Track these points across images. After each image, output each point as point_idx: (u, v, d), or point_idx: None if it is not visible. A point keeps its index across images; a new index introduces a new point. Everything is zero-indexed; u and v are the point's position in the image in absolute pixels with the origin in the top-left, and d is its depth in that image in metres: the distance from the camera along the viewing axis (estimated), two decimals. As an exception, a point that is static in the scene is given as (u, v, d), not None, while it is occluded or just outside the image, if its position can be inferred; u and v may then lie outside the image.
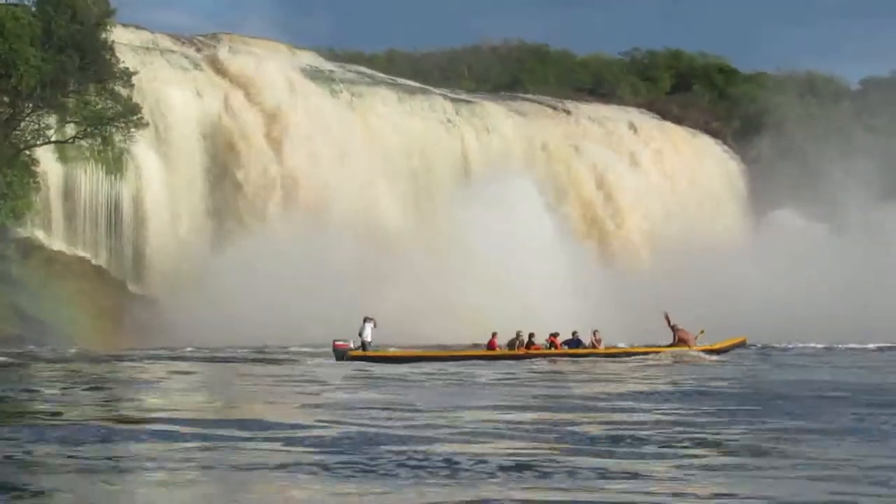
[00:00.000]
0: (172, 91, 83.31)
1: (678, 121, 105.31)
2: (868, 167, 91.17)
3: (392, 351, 55.08)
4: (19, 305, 69.88)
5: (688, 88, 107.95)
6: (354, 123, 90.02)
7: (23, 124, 70.31)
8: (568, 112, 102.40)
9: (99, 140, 71.56)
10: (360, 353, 51.92)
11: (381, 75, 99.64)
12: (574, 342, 54.94)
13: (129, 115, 71.80)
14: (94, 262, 77.61)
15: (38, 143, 71.41)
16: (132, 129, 72.54)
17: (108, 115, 71.24)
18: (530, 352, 53.47)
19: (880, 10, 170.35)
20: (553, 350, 54.27)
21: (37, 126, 71.03)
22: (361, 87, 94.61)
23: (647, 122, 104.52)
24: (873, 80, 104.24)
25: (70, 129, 72.46)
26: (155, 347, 62.73)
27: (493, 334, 54.72)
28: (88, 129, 71.38)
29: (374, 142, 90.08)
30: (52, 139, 72.33)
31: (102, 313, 71.81)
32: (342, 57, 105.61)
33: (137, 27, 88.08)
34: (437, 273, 76.14)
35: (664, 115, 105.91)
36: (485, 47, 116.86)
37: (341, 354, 51.10)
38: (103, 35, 74.22)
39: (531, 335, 54.40)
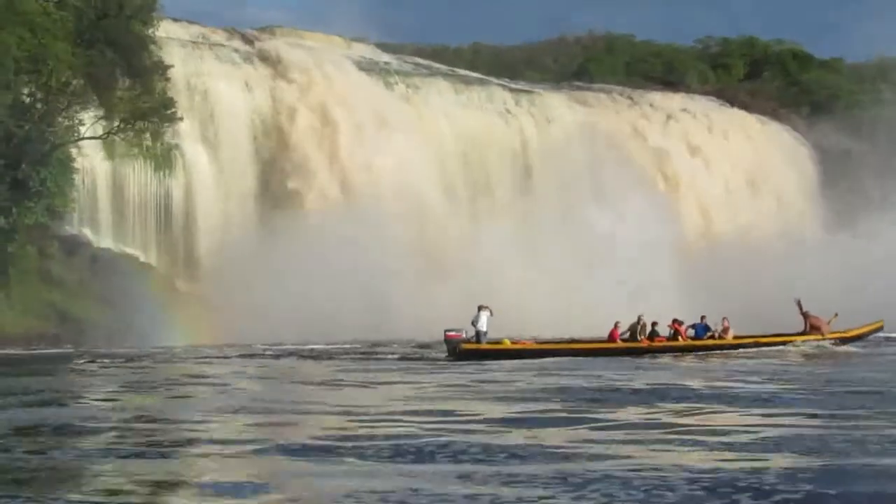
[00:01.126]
0: (221, 85, 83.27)
1: (746, 107, 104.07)
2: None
3: (508, 342, 50.87)
4: (58, 304, 70.26)
5: (760, 76, 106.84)
6: (409, 115, 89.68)
7: (57, 121, 70.15)
8: (632, 100, 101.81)
9: (131, 134, 71.99)
10: (474, 345, 48.97)
11: (439, 66, 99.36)
12: (701, 328, 52.14)
13: (163, 109, 72.00)
14: (142, 259, 77.56)
15: (72, 139, 71.41)
16: (166, 124, 73.00)
17: (141, 110, 71.68)
18: (654, 344, 50.73)
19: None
20: (679, 341, 51.37)
21: (71, 122, 70.98)
22: (417, 78, 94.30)
23: (713, 110, 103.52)
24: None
25: (102, 126, 72.28)
26: (211, 345, 62.18)
27: (616, 324, 51.60)
28: (121, 125, 71.85)
29: (428, 133, 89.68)
30: (86, 135, 72.03)
31: (147, 312, 70.20)
32: (427, 52, 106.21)
33: (189, 22, 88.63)
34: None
35: (733, 102, 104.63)
36: (569, 38, 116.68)
37: (454, 347, 48.36)
38: (139, 29, 74.70)
39: (654, 324, 51.71)
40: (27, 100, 69.28)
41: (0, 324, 66.89)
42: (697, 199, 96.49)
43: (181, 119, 73.41)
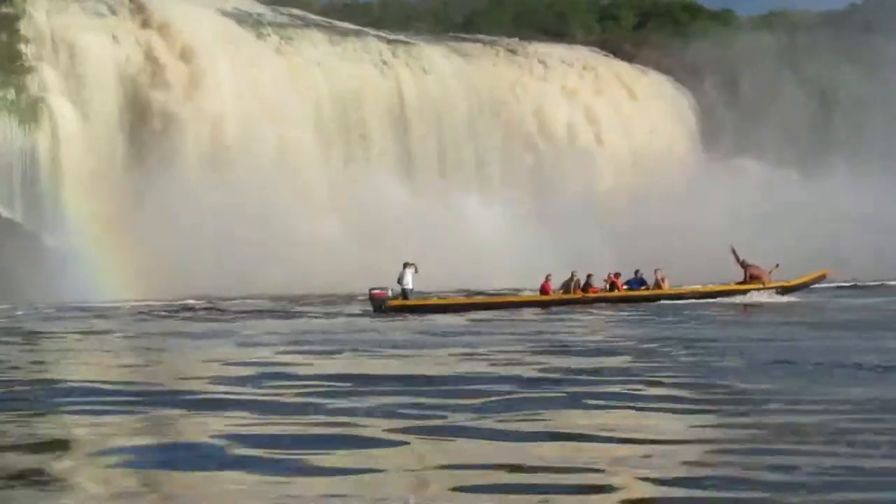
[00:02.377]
0: (88, 37, 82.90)
1: (630, 58, 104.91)
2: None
3: (435, 299, 52.58)
4: None
5: (657, 28, 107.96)
6: (280, 66, 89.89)
7: None
8: (513, 52, 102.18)
9: None
10: (400, 302, 49.00)
11: (315, 17, 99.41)
12: (637, 282, 53.03)
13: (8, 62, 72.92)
14: (5, 214, 77.42)
15: None
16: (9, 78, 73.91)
17: None
18: (588, 295, 51.27)
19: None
20: (615, 293, 51.98)
21: None
22: (291, 29, 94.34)
23: (594, 60, 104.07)
24: (834, 14, 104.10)
25: None
26: (76, 301, 61.76)
27: (547, 277, 52.64)
28: None
29: (300, 85, 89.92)
30: None
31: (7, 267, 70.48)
32: (337, 8, 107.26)
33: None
34: None
35: (617, 52, 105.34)
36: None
37: (379, 304, 48.13)
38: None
39: (589, 276, 52.54)
40: None
41: None
42: (574, 151, 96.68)
43: (28, 70, 74.19)
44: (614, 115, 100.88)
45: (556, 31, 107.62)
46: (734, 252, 52.13)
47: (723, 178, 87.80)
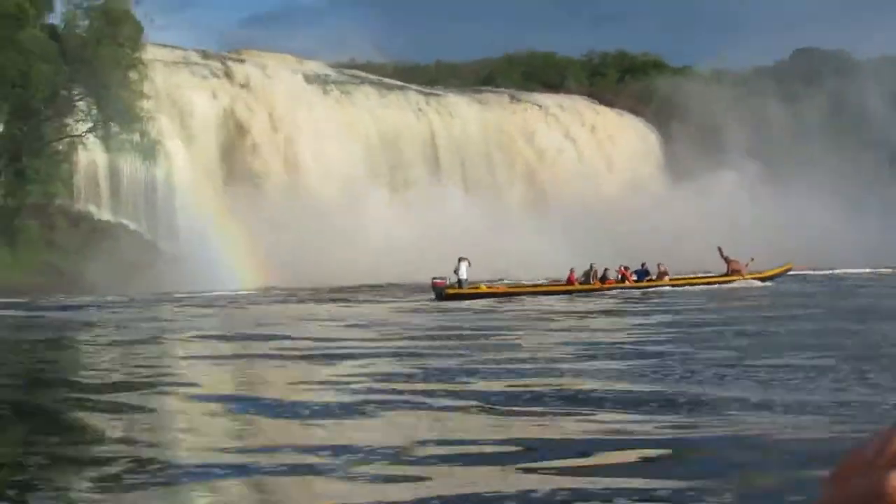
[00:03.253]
0: (194, 94, 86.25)
1: (610, 104, 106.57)
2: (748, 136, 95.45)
3: (484, 287, 50.50)
4: (57, 264, 72.32)
5: (624, 80, 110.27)
6: (340, 114, 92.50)
7: (45, 124, 73.26)
8: (518, 100, 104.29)
9: (101, 133, 75.88)
10: (456, 289, 47.94)
11: (369, 76, 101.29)
12: (642, 273, 52.09)
13: (127, 114, 76.00)
14: (132, 227, 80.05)
15: (59, 137, 74.41)
16: (133, 125, 76.90)
17: (108, 115, 75.28)
18: (605, 285, 50.27)
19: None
20: (626, 283, 50.80)
21: (57, 124, 74.26)
22: (350, 86, 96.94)
23: (582, 105, 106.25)
24: (764, 68, 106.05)
25: (83, 126, 75.61)
26: (192, 292, 62.92)
27: (571, 270, 51.60)
28: (94, 126, 75.35)
29: (355, 128, 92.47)
30: (70, 135, 75.33)
31: (129, 267, 71.77)
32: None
33: (174, 47, 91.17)
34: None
35: (601, 100, 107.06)
36: (503, 56, 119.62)
37: (440, 291, 47.23)
38: (126, 54, 78.29)
39: (605, 269, 51.48)
40: (23, 108, 71.64)
41: (9, 279, 68.00)
42: (565, 173, 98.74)
43: (143, 119, 77.15)
44: (596, 147, 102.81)
45: (554, 84, 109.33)
46: (720, 251, 52.22)
47: (683, 194, 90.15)
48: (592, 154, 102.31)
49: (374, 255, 75.37)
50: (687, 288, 50.08)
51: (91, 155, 79.28)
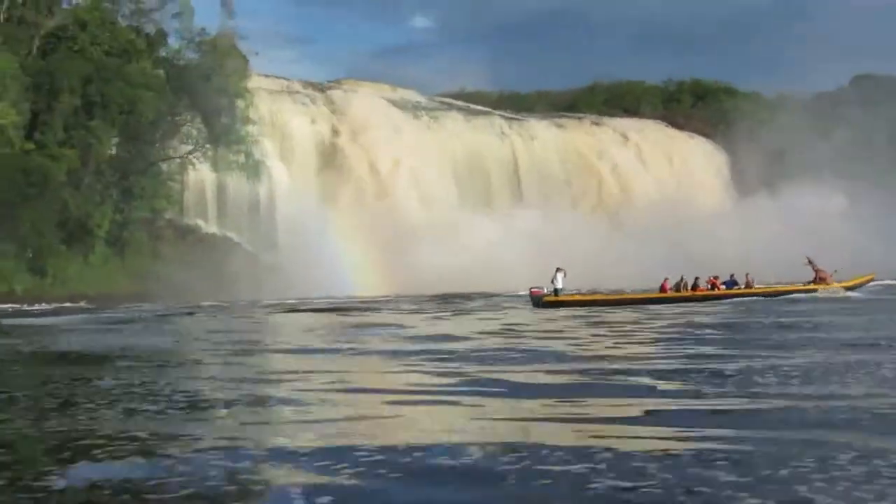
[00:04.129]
0: (294, 120, 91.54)
1: (681, 127, 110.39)
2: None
3: (578, 296, 49.31)
4: (162, 273, 74.74)
5: (697, 105, 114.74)
6: (429, 138, 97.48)
7: (150, 146, 78.22)
8: (597, 124, 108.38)
9: (208, 154, 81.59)
10: (553, 297, 46.76)
11: (457, 103, 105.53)
12: (731, 283, 51.01)
13: (233, 137, 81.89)
14: (236, 240, 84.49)
15: (164, 158, 79.22)
16: (239, 147, 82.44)
17: (216, 139, 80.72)
18: (696, 293, 49.19)
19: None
20: (716, 291, 49.82)
21: (162, 147, 79.32)
22: (439, 112, 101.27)
23: (654, 129, 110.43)
24: (825, 93, 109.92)
25: (188, 148, 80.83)
26: (288, 299, 64.02)
27: (665, 279, 50.90)
28: (196, 149, 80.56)
29: (442, 150, 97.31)
30: (174, 156, 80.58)
31: (232, 276, 76.54)
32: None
33: (277, 77, 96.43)
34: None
35: (673, 124, 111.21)
36: (589, 84, 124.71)
37: (538, 300, 46.15)
38: (234, 82, 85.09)
39: (696, 279, 50.47)
40: (130, 132, 76.56)
41: (118, 286, 73.53)
42: (637, 191, 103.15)
43: (243, 143, 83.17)
44: (668, 166, 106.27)
45: (633, 109, 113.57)
46: (810, 260, 51.57)
47: (750, 210, 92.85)
48: (664, 173, 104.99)
49: (461, 266, 78.88)
50: (772, 297, 48.00)
51: (200, 174, 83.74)
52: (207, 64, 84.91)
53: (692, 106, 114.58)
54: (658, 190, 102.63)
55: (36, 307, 59.44)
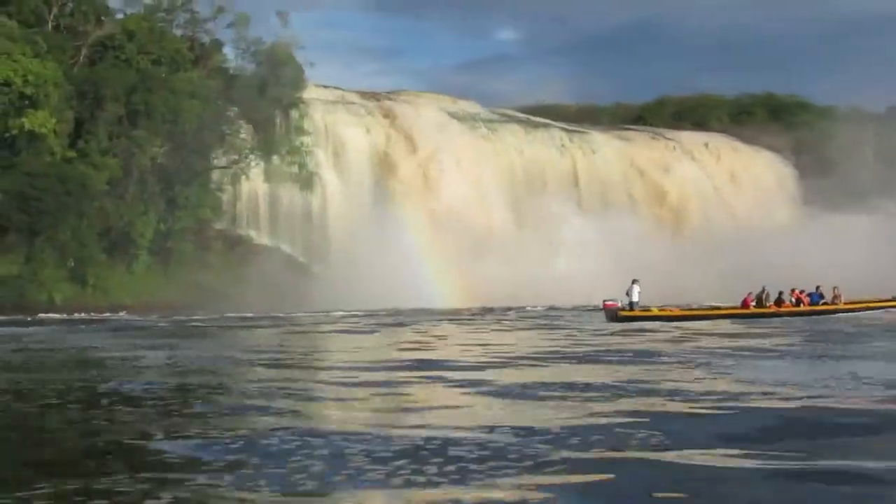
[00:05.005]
0: (349, 130, 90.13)
1: (750, 141, 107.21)
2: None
3: (656, 310, 46.57)
4: (207, 283, 75.05)
5: (772, 119, 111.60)
6: (486, 150, 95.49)
7: (194, 156, 77.21)
8: (662, 136, 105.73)
9: (262, 164, 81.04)
10: (629, 311, 44.12)
11: (517, 114, 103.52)
12: (816, 296, 48.54)
13: (287, 148, 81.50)
14: (288, 251, 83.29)
15: (208, 168, 78.39)
16: (293, 158, 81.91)
17: (270, 149, 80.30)
18: (781, 309, 46.80)
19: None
20: (801, 307, 47.52)
21: (207, 156, 78.49)
22: (498, 124, 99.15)
23: (722, 142, 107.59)
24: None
25: (239, 158, 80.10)
26: (337, 310, 63.32)
27: (748, 294, 48.23)
28: (240, 159, 79.85)
29: (499, 163, 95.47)
30: (218, 165, 79.64)
31: (283, 287, 75.02)
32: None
33: (336, 87, 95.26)
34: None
35: (740, 137, 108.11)
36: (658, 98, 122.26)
37: (613, 314, 43.39)
38: (289, 94, 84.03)
39: (780, 293, 48.13)
40: (173, 142, 75.90)
41: (164, 296, 72.62)
42: (700, 204, 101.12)
43: (308, 152, 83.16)
44: (732, 181, 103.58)
45: (702, 123, 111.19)
46: None
47: (820, 225, 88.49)
48: (728, 187, 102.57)
49: (520, 278, 77.42)
50: (860, 313, 46.84)
51: (253, 185, 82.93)
52: (262, 73, 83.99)
53: (764, 121, 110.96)
54: (721, 204, 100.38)
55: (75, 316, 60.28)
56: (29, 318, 56.45)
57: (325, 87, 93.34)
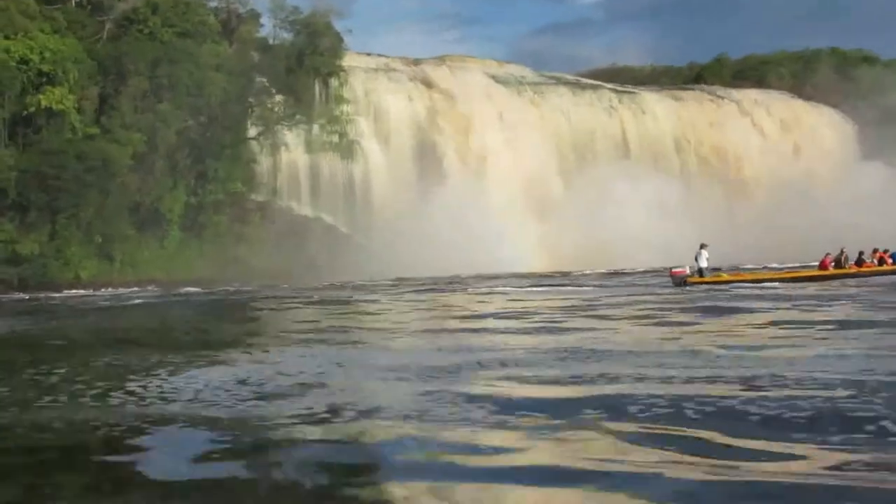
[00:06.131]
0: (390, 98, 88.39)
1: (810, 98, 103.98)
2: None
3: (725, 275, 43.20)
4: (243, 257, 74.37)
5: (838, 76, 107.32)
6: (532, 114, 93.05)
7: (223, 129, 75.95)
8: (716, 95, 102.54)
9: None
10: (697, 278, 41.08)
11: (567, 76, 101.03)
12: None
13: (327, 117, 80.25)
14: (330, 222, 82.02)
15: (239, 140, 76.81)
16: (333, 127, 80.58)
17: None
18: (862, 269, 43.07)
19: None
20: (885, 267, 43.54)
21: (234, 129, 76.85)
22: (545, 87, 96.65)
23: (778, 99, 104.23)
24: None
25: (254, 130, 78.82)
26: (383, 279, 61.41)
27: (827, 255, 44.35)
28: (266, 130, 78.59)
29: (546, 127, 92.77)
30: (247, 137, 78.13)
31: (326, 258, 75.36)
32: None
33: (378, 55, 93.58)
34: None
35: (799, 94, 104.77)
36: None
37: (680, 280, 40.56)
38: (326, 62, 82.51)
39: (860, 253, 44.50)
40: (200, 114, 74.98)
41: (198, 270, 72.16)
42: (755, 163, 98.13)
43: (349, 121, 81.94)
44: (788, 138, 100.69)
45: (759, 80, 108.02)
46: None
47: (881, 182, 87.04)
48: (784, 144, 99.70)
49: (577, 243, 77.39)
50: None
51: (292, 155, 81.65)
52: (300, 43, 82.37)
53: (828, 76, 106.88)
54: (778, 161, 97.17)
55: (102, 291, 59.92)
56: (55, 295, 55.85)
57: (368, 54, 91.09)
